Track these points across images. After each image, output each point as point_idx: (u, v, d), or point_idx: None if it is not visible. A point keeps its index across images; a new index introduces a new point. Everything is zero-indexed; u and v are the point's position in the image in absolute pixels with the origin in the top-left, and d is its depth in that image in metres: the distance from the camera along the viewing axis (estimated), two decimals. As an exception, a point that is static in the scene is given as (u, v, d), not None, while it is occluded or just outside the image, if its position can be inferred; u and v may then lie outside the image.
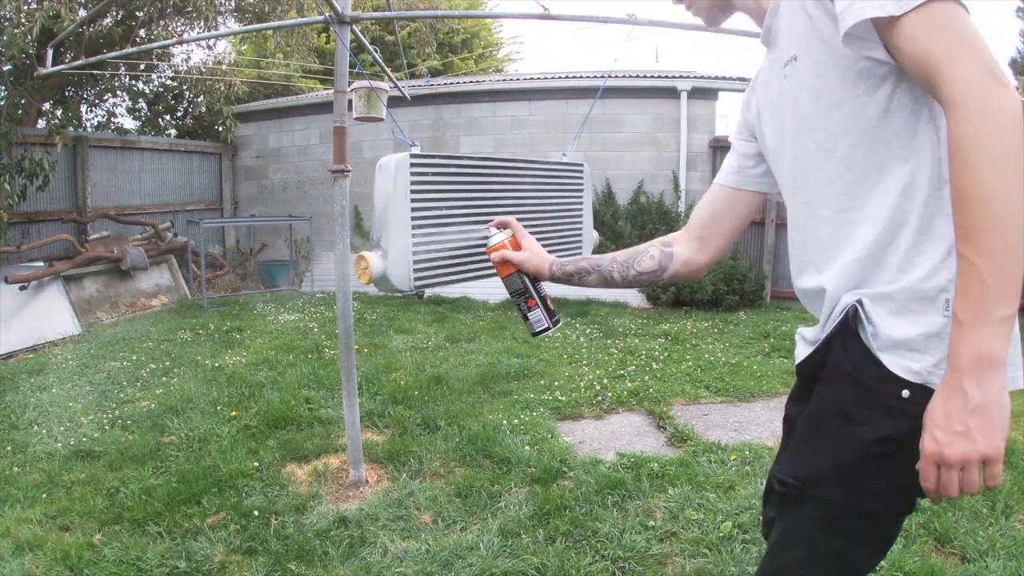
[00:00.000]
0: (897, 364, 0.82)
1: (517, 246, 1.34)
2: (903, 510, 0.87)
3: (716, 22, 1.13)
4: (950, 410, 0.73)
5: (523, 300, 1.35)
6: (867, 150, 0.85)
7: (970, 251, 0.71)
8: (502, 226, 1.35)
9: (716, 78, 7.60)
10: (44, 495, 2.60)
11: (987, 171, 0.70)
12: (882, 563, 2.00)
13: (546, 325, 1.37)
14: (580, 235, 2.86)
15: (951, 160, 0.73)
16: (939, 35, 0.73)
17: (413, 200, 2.06)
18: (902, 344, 0.81)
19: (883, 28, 0.77)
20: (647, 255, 1.23)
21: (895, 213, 0.84)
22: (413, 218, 2.06)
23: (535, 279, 1.34)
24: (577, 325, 5.85)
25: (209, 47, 8.66)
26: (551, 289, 1.43)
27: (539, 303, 1.36)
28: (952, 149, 0.73)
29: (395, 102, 4.30)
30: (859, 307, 0.85)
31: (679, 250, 1.21)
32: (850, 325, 0.86)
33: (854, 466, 0.85)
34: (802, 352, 0.99)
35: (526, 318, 1.37)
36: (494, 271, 1.38)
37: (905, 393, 0.81)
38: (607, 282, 1.28)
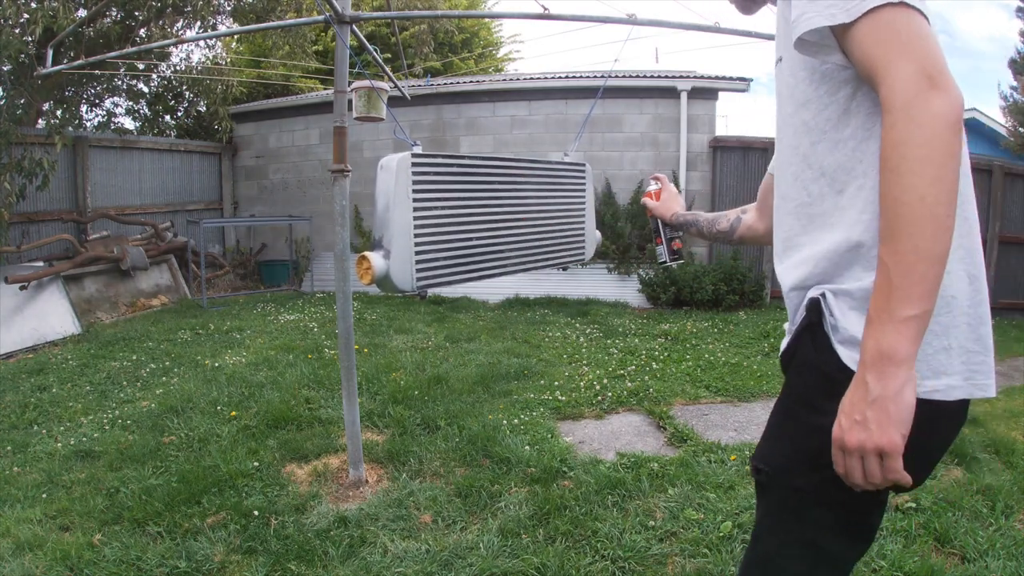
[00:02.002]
0: (851, 359, 0.83)
1: (659, 197, 1.63)
2: (872, 502, 0.86)
3: (749, 11, 1.19)
4: (853, 399, 0.76)
5: (655, 236, 1.69)
6: (825, 149, 0.88)
7: (883, 251, 0.75)
8: (655, 180, 1.67)
9: (716, 78, 7.60)
10: (44, 495, 2.60)
11: (904, 174, 0.72)
12: (882, 563, 2.00)
13: (664, 259, 1.67)
14: (583, 235, 2.86)
15: (879, 161, 0.76)
16: (880, 40, 0.75)
17: (415, 200, 2.06)
18: (856, 341, 0.83)
19: (838, 34, 0.80)
20: (725, 218, 1.44)
21: (850, 215, 0.86)
22: (415, 218, 2.06)
23: (666, 223, 1.63)
24: (577, 325, 5.85)
25: (209, 47, 8.67)
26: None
27: (663, 241, 1.67)
28: (880, 151, 0.76)
29: (395, 102, 4.29)
30: (822, 300, 0.88)
31: (747, 218, 1.39)
32: (813, 317, 0.89)
33: (818, 454, 0.85)
34: (783, 344, 1.02)
35: (656, 248, 1.70)
36: (496, 271, 1.55)
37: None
38: (700, 234, 1.52)
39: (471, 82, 8.62)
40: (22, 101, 6.02)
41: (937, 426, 0.76)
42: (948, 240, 0.73)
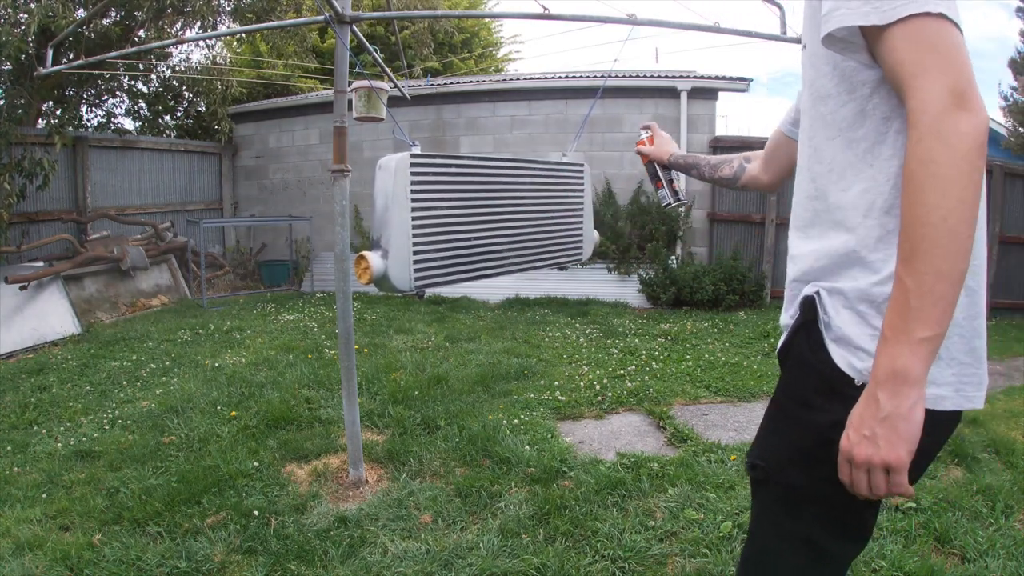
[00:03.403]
0: (842, 358, 0.85)
1: (652, 142, 1.68)
2: (867, 501, 0.85)
3: None
4: (864, 415, 0.77)
5: (653, 182, 1.73)
6: (838, 146, 0.88)
7: (903, 270, 0.74)
8: (646, 128, 1.72)
9: (716, 78, 7.60)
10: (44, 495, 2.60)
11: (929, 192, 0.71)
12: (882, 563, 2.00)
13: (669, 200, 1.72)
14: (581, 235, 2.86)
15: (903, 176, 0.75)
16: (914, 50, 0.74)
17: (413, 200, 2.06)
18: (848, 340, 0.84)
19: (869, 35, 0.79)
20: (729, 165, 1.45)
21: (852, 216, 0.86)
22: (413, 218, 2.06)
23: (664, 166, 1.68)
24: (577, 325, 5.85)
25: (208, 47, 8.67)
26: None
27: (664, 184, 1.72)
28: (904, 165, 0.75)
29: (395, 102, 4.30)
30: (816, 298, 0.89)
31: (751, 166, 1.40)
32: (808, 315, 0.90)
33: (811, 451, 0.87)
34: (780, 342, 1.03)
35: (658, 194, 1.76)
36: (495, 271, 1.59)
37: (858, 382, 0.83)
38: (701, 177, 1.56)
39: (471, 82, 8.62)
40: (22, 101, 6.02)
41: (926, 433, 0.76)
42: (967, 261, 0.73)
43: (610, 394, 3.80)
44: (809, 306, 0.90)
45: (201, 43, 8.33)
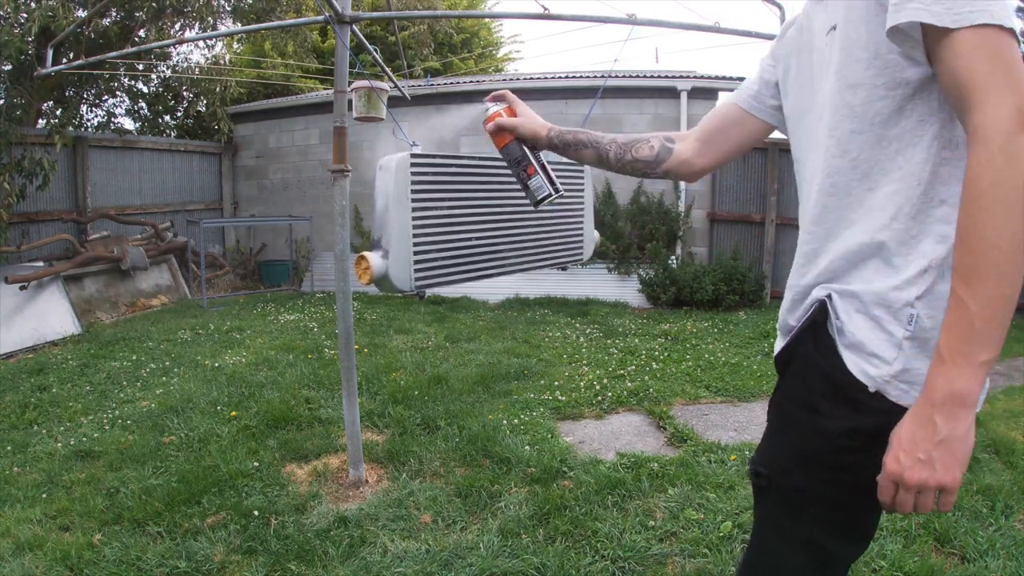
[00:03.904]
0: (855, 365, 0.83)
1: (513, 115, 1.32)
2: (872, 504, 0.84)
3: None
4: (917, 437, 0.75)
5: (522, 169, 1.33)
6: (865, 142, 0.84)
7: (965, 291, 0.72)
8: (499, 99, 1.33)
9: (716, 78, 7.60)
10: (44, 495, 2.60)
11: (998, 216, 0.69)
12: (882, 563, 2.00)
13: (547, 192, 1.34)
14: (581, 236, 2.86)
15: (964, 194, 0.72)
16: (984, 60, 0.72)
17: (414, 200, 2.06)
18: (861, 346, 0.83)
19: (930, 34, 0.75)
20: (647, 143, 1.22)
21: (877, 216, 0.83)
22: (414, 218, 2.06)
23: (533, 146, 1.33)
24: (577, 325, 5.86)
25: (208, 47, 8.67)
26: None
27: (538, 170, 1.33)
28: (967, 184, 0.72)
29: (395, 102, 4.30)
30: (828, 302, 0.86)
31: (680, 147, 1.20)
32: (818, 318, 0.88)
33: (817, 455, 0.87)
34: (779, 344, 1.00)
35: (527, 187, 1.35)
36: (495, 271, 1.42)
37: (872, 389, 0.82)
38: (601, 160, 1.26)
39: (471, 82, 8.62)
40: (22, 101, 6.02)
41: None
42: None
43: (610, 394, 3.80)
44: (819, 309, 0.88)
45: (201, 43, 8.34)
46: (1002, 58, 0.72)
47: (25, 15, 5.24)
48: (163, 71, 8.11)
